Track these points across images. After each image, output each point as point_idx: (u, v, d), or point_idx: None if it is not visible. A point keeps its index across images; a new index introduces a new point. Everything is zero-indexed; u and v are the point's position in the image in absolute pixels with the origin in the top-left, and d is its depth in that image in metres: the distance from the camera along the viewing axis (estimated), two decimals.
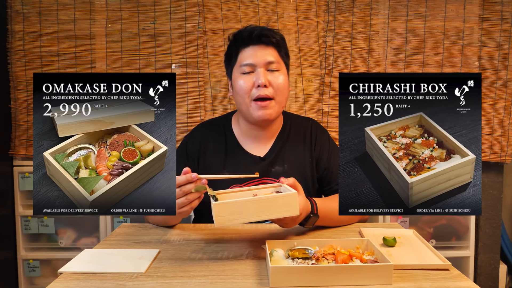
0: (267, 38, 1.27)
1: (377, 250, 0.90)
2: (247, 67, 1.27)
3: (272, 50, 1.28)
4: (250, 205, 0.92)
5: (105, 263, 0.94)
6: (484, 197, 2.08)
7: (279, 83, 1.27)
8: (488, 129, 2.03)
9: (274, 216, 0.94)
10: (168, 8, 2.00)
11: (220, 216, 0.91)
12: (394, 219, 2.06)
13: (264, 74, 1.25)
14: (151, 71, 2.02)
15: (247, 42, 1.28)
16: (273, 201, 0.93)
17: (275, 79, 1.27)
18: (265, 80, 1.24)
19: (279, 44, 1.29)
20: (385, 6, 2.00)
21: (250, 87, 1.26)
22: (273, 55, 1.27)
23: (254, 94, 1.26)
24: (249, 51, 1.27)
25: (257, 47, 1.27)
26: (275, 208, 0.93)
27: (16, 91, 2.01)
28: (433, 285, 0.82)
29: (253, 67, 1.27)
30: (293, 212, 0.94)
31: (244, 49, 1.28)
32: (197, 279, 0.86)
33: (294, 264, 0.87)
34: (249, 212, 0.92)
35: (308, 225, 1.12)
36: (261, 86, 1.24)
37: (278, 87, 1.27)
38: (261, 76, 1.24)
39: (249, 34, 1.28)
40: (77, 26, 2.00)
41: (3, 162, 2.00)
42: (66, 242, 2.05)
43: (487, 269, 2.11)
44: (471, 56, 2.01)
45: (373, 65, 2.02)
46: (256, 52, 1.27)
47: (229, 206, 0.91)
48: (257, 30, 1.28)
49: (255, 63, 1.26)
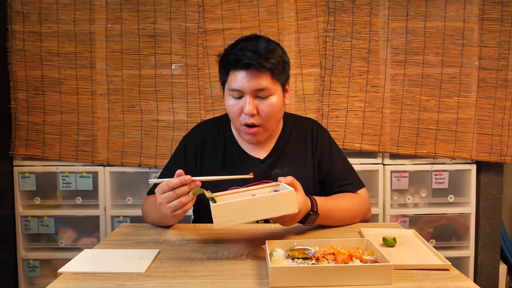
0: (256, 66, 1.15)
1: (377, 250, 0.90)
2: (235, 92, 1.20)
3: (264, 75, 1.17)
4: (248, 205, 0.92)
5: (105, 263, 0.94)
6: (484, 197, 2.08)
7: (267, 112, 1.19)
8: (488, 129, 2.03)
9: (273, 215, 0.94)
10: (168, 8, 2.00)
11: (219, 218, 0.91)
12: (394, 219, 2.06)
13: (252, 103, 1.18)
14: (151, 71, 2.02)
15: (235, 66, 1.17)
16: (270, 200, 0.93)
17: (264, 106, 1.19)
18: (252, 109, 1.18)
19: (272, 69, 1.18)
20: (385, 6, 2.00)
21: (238, 112, 1.21)
22: (265, 81, 1.17)
23: (242, 120, 1.21)
24: (238, 75, 1.17)
25: (247, 72, 1.16)
26: (273, 206, 0.93)
27: (16, 91, 2.01)
28: (433, 285, 0.82)
29: (241, 93, 1.19)
30: (292, 210, 0.94)
31: (234, 71, 1.19)
32: (197, 279, 0.86)
33: (294, 264, 0.87)
34: (247, 212, 0.92)
35: (308, 223, 1.11)
36: (248, 115, 1.19)
37: (266, 115, 1.20)
38: (248, 106, 1.18)
39: (236, 61, 1.16)
40: (77, 26, 2.00)
41: (3, 162, 2.00)
42: (66, 242, 2.05)
43: (487, 269, 2.11)
44: (471, 56, 2.01)
45: (373, 65, 2.02)
46: (244, 78, 1.17)
47: (227, 207, 0.91)
48: (246, 56, 1.14)
49: (243, 90, 1.18)
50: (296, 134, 1.38)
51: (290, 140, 1.36)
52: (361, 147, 2.04)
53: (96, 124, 2.03)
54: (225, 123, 1.39)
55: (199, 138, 1.36)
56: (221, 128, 1.38)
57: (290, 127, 1.38)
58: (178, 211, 1.01)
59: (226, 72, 1.22)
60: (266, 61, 1.16)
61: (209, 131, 1.38)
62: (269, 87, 1.18)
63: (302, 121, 1.42)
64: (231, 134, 1.36)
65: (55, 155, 2.03)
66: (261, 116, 1.20)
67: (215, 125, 1.40)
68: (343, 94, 2.02)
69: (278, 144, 1.35)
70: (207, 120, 1.45)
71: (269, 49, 1.18)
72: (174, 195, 1.00)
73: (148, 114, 2.03)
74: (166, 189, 1.01)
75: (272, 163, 1.32)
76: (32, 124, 2.02)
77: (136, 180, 2.07)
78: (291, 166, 1.33)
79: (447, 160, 2.06)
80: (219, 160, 1.33)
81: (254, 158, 1.32)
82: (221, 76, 1.27)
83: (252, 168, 1.29)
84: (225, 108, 1.29)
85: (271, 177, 1.30)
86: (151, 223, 1.26)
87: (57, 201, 2.05)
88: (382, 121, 2.03)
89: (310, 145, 1.37)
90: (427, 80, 2.02)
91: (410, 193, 2.08)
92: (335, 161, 1.36)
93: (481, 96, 2.02)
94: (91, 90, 2.02)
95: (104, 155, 2.03)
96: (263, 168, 1.31)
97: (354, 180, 1.36)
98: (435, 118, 2.03)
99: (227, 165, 1.32)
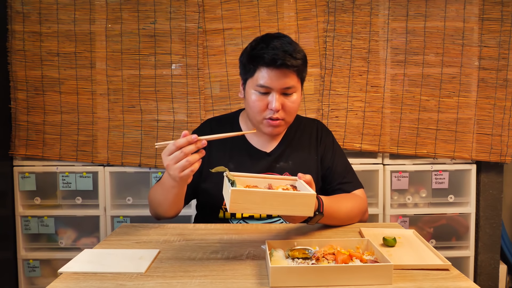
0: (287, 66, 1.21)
1: (377, 250, 0.90)
2: (263, 89, 1.24)
3: (291, 75, 1.23)
4: (268, 197, 0.91)
5: (105, 263, 0.94)
6: (484, 197, 2.08)
7: (291, 107, 1.26)
8: (488, 129, 2.02)
9: (289, 213, 0.94)
10: (168, 8, 2.00)
11: (236, 203, 0.89)
12: (394, 219, 2.06)
13: (279, 99, 1.24)
14: (151, 71, 2.02)
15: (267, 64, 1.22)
16: (291, 198, 0.92)
17: (289, 102, 1.26)
18: (279, 106, 1.24)
19: (299, 68, 1.25)
20: (385, 6, 2.00)
21: (263, 108, 1.25)
22: (292, 80, 1.24)
23: (267, 114, 1.26)
24: (268, 73, 1.22)
25: (277, 71, 1.21)
26: (292, 205, 0.92)
27: (16, 91, 2.01)
28: (433, 285, 0.82)
29: (269, 90, 1.24)
30: (308, 213, 0.94)
31: (263, 68, 1.23)
32: (197, 279, 0.86)
33: (294, 264, 0.87)
34: (265, 204, 0.91)
35: (312, 223, 1.13)
36: (275, 111, 1.24)
37: (290, 110, 1.27)
38: (276, 102, 1.23)
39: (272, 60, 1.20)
40: (77, 26, 2.00)
41: (3, 162, 2.00)
42: (66, 242, 2.05)
43: (487, 269, 2.11)
44: (471, 56, 2.01)
45: (373, 65, 2.02)
46: (274, 76, 1.22)
47: (247, 194, 0.90)
48: (281, 56, 1.19)
49: (272, 87, 1.23)
50: (301, 131, 1.43)
51: (296, 136, 1.41)
52: (361, 147, 2.04)
53: (96, 124, 2.03)
54: (234, 119, 1.44)
55: (207, 132, 1.38)
56: (230, 124, 1.42)
57: (296, 124, 1.43)
58: (186, 171, 1.01)
59: (254, 68, 1.25)
60: (296, 61, 1.22)
61: (218, 126, 1.42)
62: (295, 85, 1.25)
63: (308, 120, 1.48)
64: (240, 129, 1.40)
65: (55, 155, 2.03)
66: (285, 111, 1.26)
67: (224, 121, 1.45)
68: (343, 94, 2.02)
69: (285, 139, 1.40)
70: (216, 117, 1.51)
71: (297, 50, 1.24)
72: (182, 155, 1.00)
73: (148, 114, 2.03)
74: (173, 150, 1.01)
75: (278, 157, 1.36)
76: (32, 124, 2.02)
77: (136, 180, 2.07)
78: (296, 160, 1.37)
79: (447, 160, 2.06)
80: (226, 153, 1.36)
81: (260, 151, 1.36)
82: (245, 71, 1.29)
83: (258, 161, 1.34)
84: (244, 102, 1.33)
85: (276, 170, 1.34)
86: (156, 206, 1.26)
87: (57, 201, 2.05)
88: (382, 121, 2.03)
89: (315, 142, 1.41)
90: (427, 80, 2.02)
91: (410, 193, 2.08)
92: (337, 160, 1.40)
93: (481, 96, 2.02)
94: (91, 90, 2.02)
95: (104, 155, 2.03)
96: (269, 161, 1.35)
97: (354, 180, 1.39)
98: (435, 118, 2.03)
99: (234, 158, 1.35)
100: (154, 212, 1.30)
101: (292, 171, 1.33)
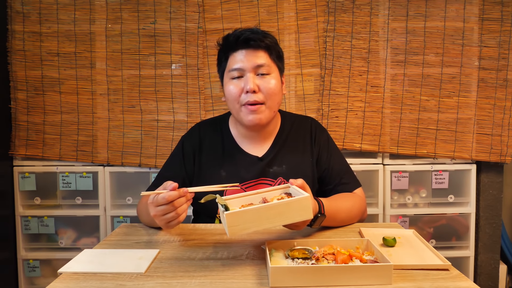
0: (255, 42, 1.22)
1: (377, 250, 0.90)
2: (236, 72, 1.23)
3: (262, 53, 1.23)
4: (263, 212, 0.89)
5: (105, 263, 0.94)
6: (484, 197, 2.08)
7: (269, 88, 1.23)
8: (488, 129, 2.03)
9: (288, 221, 0.91)
10: (168, 8, 2.00)
11: (233, 226, 0.87)
12: (394, 219, 2.06)
13: (253, 79, 1.21)
14: (151, 71, 2.02)
15: (235, 47, 1.24)
16: (286, 206, 0.90)
17: (265, 83, 1.23)
18: (254, 85, 1.21)
19: (270, 47, 1.25)
20: (385, 6, 2.00)
21: (239, 93, 1.23)
22: (263, 58, 1.23)
23: (243, 99, 1.22)
24: (238, 56, 1.23)
25: (246, 51, 1.23)
26: (289, 213, 0.90)
27: (16, 91, 2.01)
28: (433, 285, 0.82)
29: (242, 72, 1.22)
30: (307, 216, 0.92)
31: (233, 54, 1.24)
32: (197, 279, 0.86)
33: (294, 264, 0.87)
34: (262, 220, 0.89)
35: (316, 226, 1.10)
36: (250, 92, 1.21)
37: (268, 92, 1.23)
38: (250, 81, 1.20)
39: (236, 38, 1.23)
40: (77, 26, 2.00)
41: (3, 162, 2.00)
42: (66, 242, 2.05)
43: (487, 269, 2.11)
44: (471, 56, 2.01)
45: (373, 65, 2.02)
46: (244, 56, 1.22)
47: (242, 215, 0.88)
48: (245, 34, 1.23)
49: (244, 68, 1.22)
50: (294, 132, 1.38)
51: (289, 138, 1.36)
52: (361, 147, 2.04)
53: (96, 124, 2.03)
54: (224, 121, 1.39)
55: (197, 137, 1.36)
56: (219, 127, 1.38)
57: (289, 124, 1.39)
58: (174, 221, 1.00)
59: (225, 58, 1.26)
60: (263, 38, 1.24)
61: (207, 130, 1.38)
62: (268, 64, 1.24)
63: (301, 119, 1.43)
64: (229, 133, 1.36)
65: (55, 155, 2.03)
66: (263, 93, 1.23)
67: (213, 124, 1.40)
68: (343, 94, 2.02)
69: (276, 142, 1.35)
70: (205, 120, 1.46)
71: (265, 32, 1.27)
72: (172, 208, 0.98)
73: (148, 114, 2.03)
74: (163, 203, 0.98)
75: (270, 161, 1.32)
76: (32, 124, 2.03)
77: (136, 180, 2.07)
78: (290, 163, 1.32)
79: (447, 160, 2.06)
80: (217, 158, 1.33)
81: (252, 156, 1.32)
82: (220, 66, 1.30)
83: (251, 166, 1.30)
84: (225, 100, 1.31)
85: (269, 175, 1.30)
86: (145, 223, 1.25)
87: (57, 201, 2.05)
88: (382, 121, 2.03)
89: (309, 143, 1.37)
90: (427, 80, 2.02)
91: (410, 193, 2.08)
92: (333, 160, 1.37)
93: (481, 96, 2.02)
94: (91, 90, 2.02)
95: (104, 155, 2.03)
96: (261, 166, 1.30)
97: (352, 180, 1.36)
98: (435, 118, 2.03)
99: (226, 163, 1.31)
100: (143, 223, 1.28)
101: (286, 175, 1.29)
